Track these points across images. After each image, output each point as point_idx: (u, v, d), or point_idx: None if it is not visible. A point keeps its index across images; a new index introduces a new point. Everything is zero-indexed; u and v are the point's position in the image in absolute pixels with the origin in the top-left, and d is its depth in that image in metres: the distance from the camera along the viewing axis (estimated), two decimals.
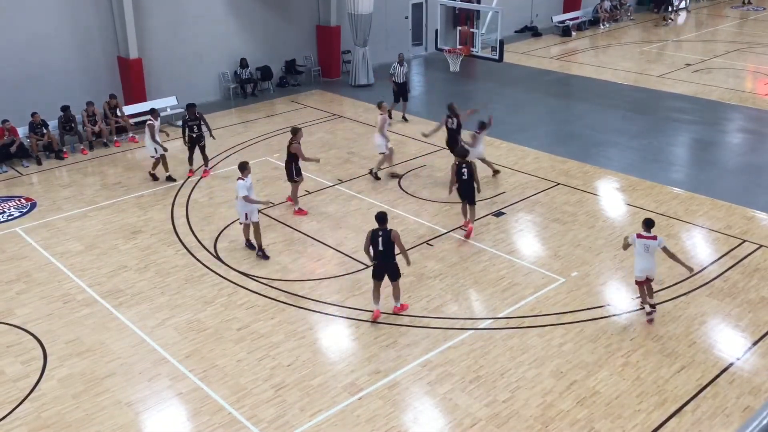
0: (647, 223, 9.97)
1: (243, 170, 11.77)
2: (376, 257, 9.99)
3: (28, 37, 17.05)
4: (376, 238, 9.89)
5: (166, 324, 10.29)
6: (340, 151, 16.87)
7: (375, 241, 9.90)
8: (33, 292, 11.14)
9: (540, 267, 11.62)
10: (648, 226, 9.88)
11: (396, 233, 9.96)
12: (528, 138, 17.44)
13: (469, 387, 8.89)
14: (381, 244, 9.86)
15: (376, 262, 10.03)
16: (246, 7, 20.82)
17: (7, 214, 13.82)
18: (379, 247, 9.88)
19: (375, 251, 9.95)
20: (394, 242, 9.91)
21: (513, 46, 26.56)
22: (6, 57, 16.73)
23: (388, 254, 9.94)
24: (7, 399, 8.80)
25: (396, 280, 10.19)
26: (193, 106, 15.35)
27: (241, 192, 11.61)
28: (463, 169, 12.30)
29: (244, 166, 11.88)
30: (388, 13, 23.83)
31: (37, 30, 17.15)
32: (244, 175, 11.71)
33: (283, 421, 8.39)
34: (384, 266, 10.03)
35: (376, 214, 10.08)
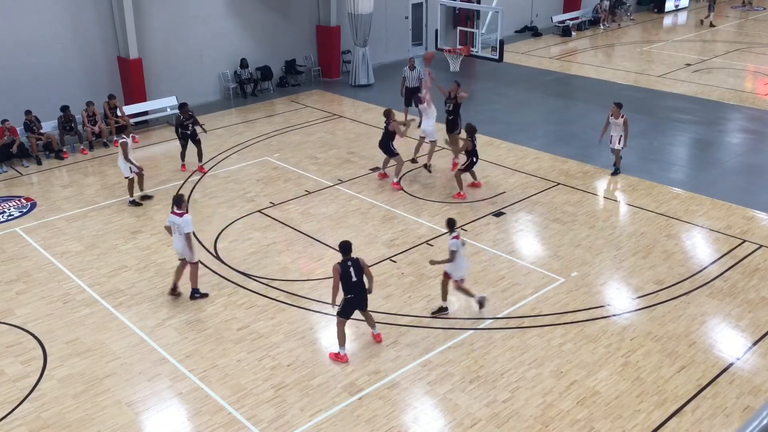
0: (450, 224, 10.08)
1: (181, 204, 10.51)
2: (351, 291, 9.12)
3: (28, 37, 17.04)
4: (348, 270, 9.04)
5: (166, 324, 10.29)
6: (340, 151, 16.87)
7: (347, 274, 9.03)
8: (33, 292, 11.14)
9: (540, 267, 11.62)
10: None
11: (364, 260, 9.33)
12: (528, 138, 17.44)
13: (469, 387, 8.89)
14: (355, 274, 9.05)
15: (352, 296, 9.15)
16: (246, 7, 20.82)
17: (7, 214, 13.82)
18: (353, 279, 9.04)
19: (348, 284, 9.08)
20: (364, 270, 9.20)
21: (513, 46, 26.57)
22: (6, 57, 16.73)
23: (362, 284, 9.17)
24: (7, 399, 8.81)
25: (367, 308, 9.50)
26: (184, 105, 15.48)
27: (188, 228, 10.35)
28: None
29: (182, 199, 10.64)
30: (388, 13, 23.84)
31: (37, 30, 17.14)
32: (182, 208, 10.48)
33: (283, 421, 8.39)
34: (360, 298, 9.23)
35: (340, 245, 9.25)
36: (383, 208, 13.77)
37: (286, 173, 15.62)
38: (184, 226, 10.35)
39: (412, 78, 17.91)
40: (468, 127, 13.92)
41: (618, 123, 14.21)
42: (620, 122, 14.18)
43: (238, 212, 13.74)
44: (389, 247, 12.30)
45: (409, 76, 17.97)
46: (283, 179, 15.30)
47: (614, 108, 14.27)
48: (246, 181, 15.19)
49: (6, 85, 16.77)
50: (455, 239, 9.81)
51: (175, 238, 10.58)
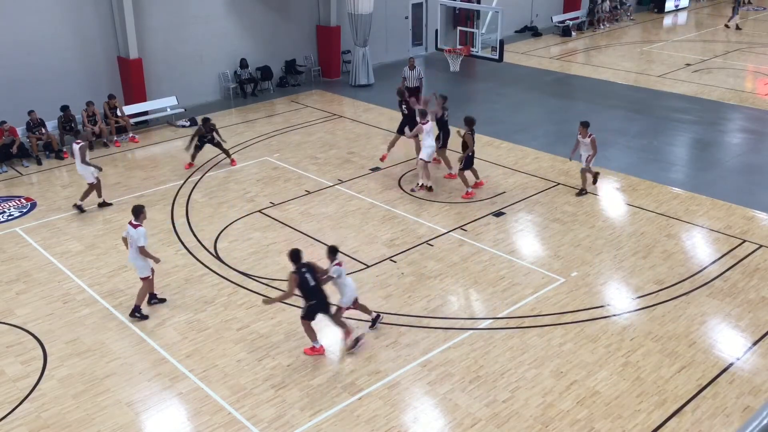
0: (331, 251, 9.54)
1: (139, 215, 10.19)
2: (312, 296, 9.18)
3: (29, 37, 17.04)
4: (305, 276, 9.08)
5: (166, 324, 10.28)
6: (340, 151, 16.87)
7: (304, 280, 9.08)
8: (33, 292, 11.14)
9: (540, 267, 11.62)
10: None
11: (317, 264, 9.36)
12: (528, 138, 17.44)
13: (469, 387, 8.89)
14: (312, 279, 9.12)
15: (314, 302, 9.21)
16: (246, 7, 20.82)
17: (7, 214, 13.82)
18: (310, 284, 9.11)
19: (308, 290, 9.16)
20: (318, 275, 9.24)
21: (513, 46, 26.57)
22: (6, 57, 16.72)
23: (320, 288, 9.25)
24: (7, 399, 8.80)
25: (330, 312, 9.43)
26: (207, 120, 15.59)
27: (142, 241, 10.07)
28: None
29: (140, 210, 10.28)
30: (388, 13, 23.83)
31: (37, 30, 17.13)
32: (139, 220, 10.17)
33: (283, 421, 8.39)
34: (322, 303, 9.27)
35: (290, 253, 9.22)
36: (383, 208, 13.77)
37: (286, 173, 15.62)
38: (137, 239, 10.04)
39: (412, 78, 17.86)
40: (467, 120, 13.89)
41: (585, 142, 13.86)
42: (588, 141, 13.74)
43: (238, 212, 13.74)
44: (389, 247, 12.30)
45: (409, 75, 17.91)
46: (283, 179, 15.30)
47: (580, 127, 13.83)
48: (246, 181, 15.19)
49: (6, 85, 16.77)
50: (338, 266, 9.41)
51: (130, 251, 10.29)
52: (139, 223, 10.18)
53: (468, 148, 13.86)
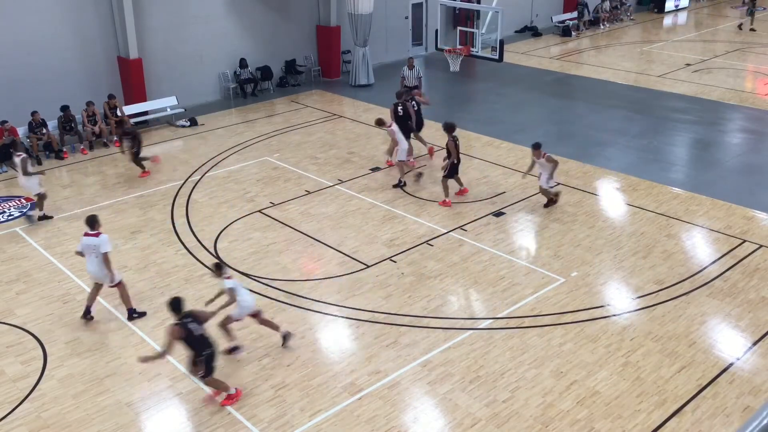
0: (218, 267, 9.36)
1: (94, 224, 10.01)
2: (202, 347, 8.26)
3: (29, 37, 17.04)
4: (188, 327, 8.19)
5: (166, 324, 10.16)
6: (340, 151, 16.87)
7: (188, 330, 8.18)
8: (33, 292, 11.14)
9: (540, 267, 11.62)
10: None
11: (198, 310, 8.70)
12: (528, 138, 17.34)
13: (469, 387, 8.89)
14: (197, 329, 8.26)
15: (208, 351, 8.31)
16: (246, 7, 20.82)
17: (7, 214, 13.82)
18: (196, 333, 8.23)
19: (195, 341, 8.22)
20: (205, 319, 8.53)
21: (513, 46, 26.57)
22: (6, 57, 16.72)
23: (207, 336, 8.41)
24: (7, 399, 8.80)
25: None
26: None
27: (107, 246, 9.94)
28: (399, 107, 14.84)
29: (95, 219, 10.07)
30: (388, 13, 23.83)
31: (37, 30, 17.13)
32: (96, 228, 10.00)
33: (283, 421, 8.39)
34: (213, 349, 8.42)
35: (169, 303, 8.39)
36: (383, 208, 13.77)
37: (286, 173, 15.62)
38: (102, 246, 9.88)
39: (411, 77, 17.88)
40: (446, 126, 13.64)
41: (542, 163, 13.26)
42: (544, 161, 13.23)
43: (238, 212, 13.74)
44: (389, 247, 12.30)
45: (408, 75, 17.94)
46: (283, 179, 15.30)
47: (533, 150, 13.23)
48: (246, 181, 15.19)
49: (6, 85, 16.76)
50: (228, 279, 9.13)
51: (88, 261, 10.04)
52: (97, 231, 10.02)
53: (450, 155, 13.58)
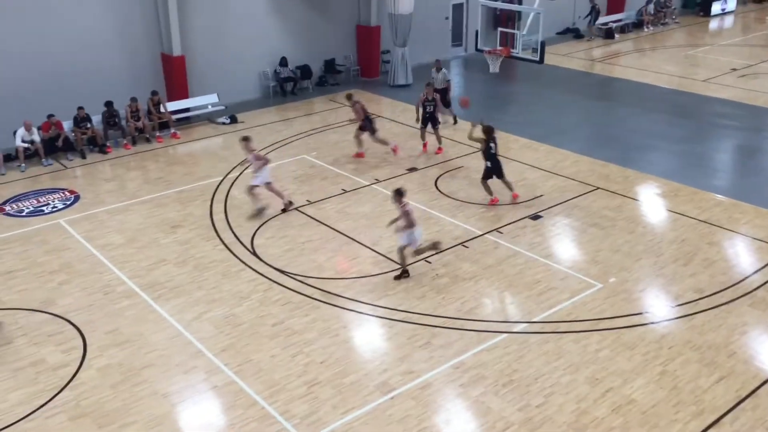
0: None
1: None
2: None
3: (75, 34, 17.44)
4: None
5: (202, 318, 10.43)
6: (377, 150, 16.89)
7: None
8: (75, 282, 11.40)
9: (577, 272, 11.48)
10: None
11: None
12: (567, 140, 17.24)
13: (502, 390, 8.83)
14: None
15: None
16: (288, 6, 21.00)
17: (52, 206, 14.17)
18: None
19: None
20: None
21: (554, 47, 26.26)
22: (53, 53, 17.15)
23: None
24: (47, 387, 9.03)
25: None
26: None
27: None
28: None
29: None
30: (428, 14, 23.77)
31: (84, 27, 17.54)
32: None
33: (316, 417, 8.44)
34: None
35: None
36: (419, 209, 13.73)
37: (323, 171, 15.71)
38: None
39: (438, 80, 18.00)
40: (485, 128, 13.58)
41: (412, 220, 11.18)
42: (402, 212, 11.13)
43: (275, 209, 13.86)
44: None
45: (436, 77, 18.06)
46: (320, 177, 15.39)
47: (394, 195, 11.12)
48: (283, 179, 15.31)
49: (53, 80, 17.19)
50: None
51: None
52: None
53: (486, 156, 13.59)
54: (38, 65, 16.96)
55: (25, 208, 14.05)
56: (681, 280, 11.20)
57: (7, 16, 16.45)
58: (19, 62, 16.70)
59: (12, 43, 16.56)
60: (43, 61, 17.01)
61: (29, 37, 16.77)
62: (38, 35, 16.89)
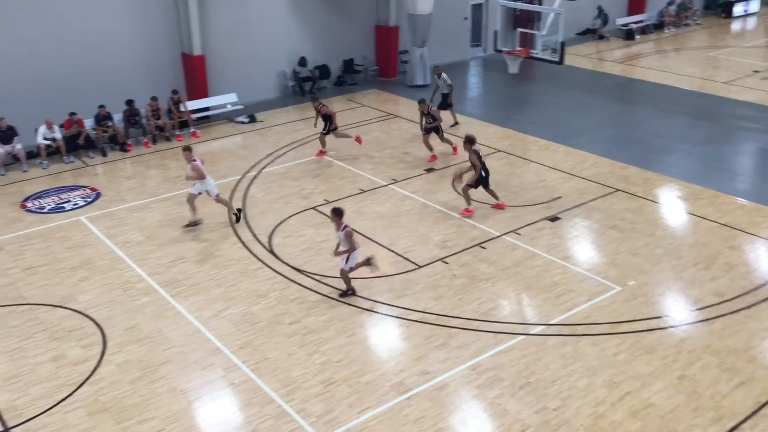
0: None
1: None
2: None
3: (97, 33, 17.61)
4: None
5: (221, 315, 10.50)
6: (394, 150, 16.90)
7: None
8: (95, 279, 11.52)
9: (595, 274, 11.41)
10: None
11: None
12: (586, 142, 17.13)
13: (519, 393, 8.80)
14: None
15: None
16: (307, 6, 21.07)
17: (73, 203, 14.33)
18: None
19: None
20: None
21: (574, 48, 26.11)
22: (75, 52, 17.33)
23: None
24: (67, 381, 9.13)
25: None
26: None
27: None
28: None
29: None
30: (447, 14, 23.71)
31: (105, 26, 17.71)
32: None
33: (332, 416, 8.46)
34: None
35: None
36: (436, 209, 13.74)
37: (341, 171, 15.74)
38: None
39: (441, 85, 18.16)
40: (468, 138, 13.34)
41: (340, 236, 10.81)
42: (342, 235, 10.74)
43: (293, 208, 13.91)
44: (441, 248, 12.26)
45: (439, 83, 18.20)
46: (337, 177, 15.42)
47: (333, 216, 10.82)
48: (301, 178, 15.37)
49: (75, 78, 17.36)
50: None
51: None
52: None
53: (475, 168, 13.24)
54: (60, 64, 17.15)
55: (46, 205, 14.22)
56: (701, 284, 11.09)
57: (30, 16, 16.65)
58: (41, 61, 16.89)
59: (34, 42, 16.75)
60: (65, 59, 17.19)
61: (51, 37, 16.95)
62: (60, 34, 17.07)
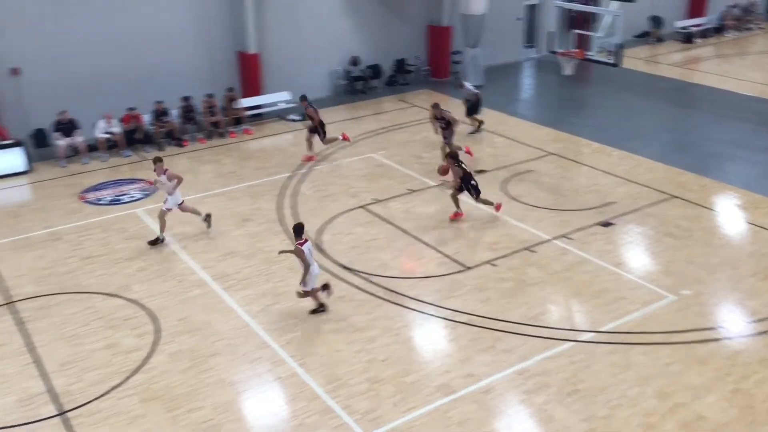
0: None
1: None
2: None
3: (156, 31, 18.04)
4: None
5: (269, 310, 10.64)
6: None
7: None
8: (150, 270, 11.81)
9: (649, 282, 11.16)
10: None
11: None
12: (642, 146, 16.76)
13: (566, 399, 8.67)
14: None
15: None
16: (361, 6, 21.18)
17: (130, 196, 14.73)
18: None
19: None
20: None
21: (631, 51, 25.51)
22: (135, 49, 17.79)
23: None
24: (121, 369, 9.39)
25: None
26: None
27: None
28: None
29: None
30: (501, 15, 23.50)
31: (164, 24, 18.14)
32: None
33: (376, 414, 8.49)
34: None
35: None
36: (486, 211, 13.64)
37: (390, 171, 15.77)
38: None
39: (470, 92, 18.08)
40: (451, 153, 13.23)
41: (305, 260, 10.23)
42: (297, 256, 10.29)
43: (342, 206, 14.00)
44: (490, 251, 12.17)
45: (464, 93, 18.21)
46: (387, 177, 15.46)
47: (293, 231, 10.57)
48: (351, 177, 15.46)
49: (134, 75, 17.83)
50: None
51: None
52: None
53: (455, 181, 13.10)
54: (120, 60, 17.62)
55: (105, 197, 14.66)
56: (759, 295, 10.74)
57: (91, 13, 17.14)
58: (102, 57, 17.39)
59: (95, 39, 17.25)
60: (124, 56, 17.66)
61: (112, 33, 17.43)
62: (121, 31, 17.54)
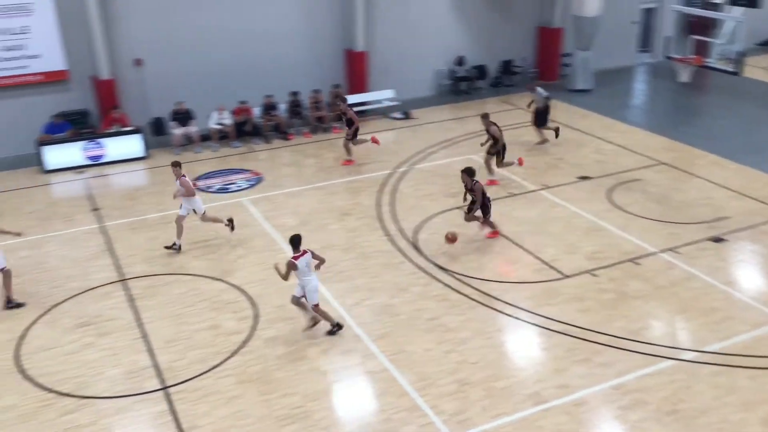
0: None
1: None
2: None
3: (267, 27, 18.66)
4: None
5: (362, 304, 10.80)
6: (548, 156, 16.50)
7: None
8: (251, 257, 12.25)
9: (761, 304, 10.50)
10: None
11: None
12: (761, 161, 15.77)
13: (664, 419, 8.31)
14: None
15: None
16: (469, 6, 21.07)
17: (237, 185, 15.34)
18: None
19: None
20: None
21: (754, 59, 24.02)
22: (248, 45, 18.49)
23: None
24: (221, 350, 9.80)
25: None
26: None
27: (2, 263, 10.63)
28: None
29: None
30: (615, 17, 22.72)
31: (275, 22, 18.73)
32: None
33: (465, 416, 8.45)
34: None
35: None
36: (588, 219, 13.26)
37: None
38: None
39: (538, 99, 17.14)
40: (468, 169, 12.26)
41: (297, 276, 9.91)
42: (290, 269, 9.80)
43: (440, 206, 14.00)
44: (590, 260, 11.83)
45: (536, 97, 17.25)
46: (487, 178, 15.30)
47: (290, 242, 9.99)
48: (451, 177, 15.38)
49: (247, 69, 18.54)
50: None
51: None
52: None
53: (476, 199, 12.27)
54: (234, 54, 18.36)
55: (214, 185, 15.34)
56: None
57: (207, 10, 17.95)
58: (217, 52, 18.18)
59: (210, 35, 18.05)
60: (238, 51, 18.39)
61: (227, 30, 18.19)
62: (234, 28, 18.27)
